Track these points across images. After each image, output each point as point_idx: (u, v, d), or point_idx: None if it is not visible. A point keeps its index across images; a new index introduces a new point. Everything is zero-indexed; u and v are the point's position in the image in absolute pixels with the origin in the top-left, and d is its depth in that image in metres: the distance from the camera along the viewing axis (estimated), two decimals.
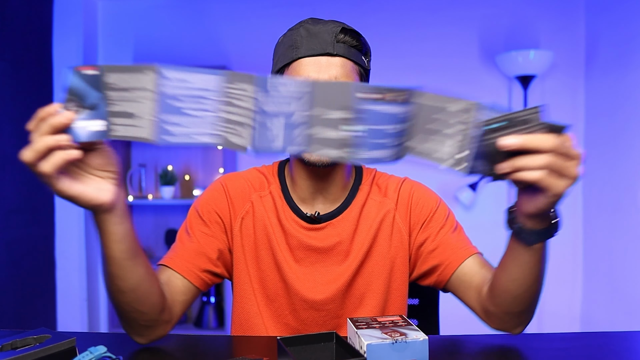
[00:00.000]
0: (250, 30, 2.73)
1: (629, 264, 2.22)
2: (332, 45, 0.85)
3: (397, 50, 2.67)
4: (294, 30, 0.89)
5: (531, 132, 0.59)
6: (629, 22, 2.24)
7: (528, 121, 0.59)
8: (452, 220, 0.99)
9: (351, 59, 0.86)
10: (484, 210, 2.65)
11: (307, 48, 0.85)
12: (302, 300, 0.92)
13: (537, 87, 2.60)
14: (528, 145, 0.59)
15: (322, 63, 0.85)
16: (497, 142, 0.59)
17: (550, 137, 0.59)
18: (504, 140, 0.59)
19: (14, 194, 2.26)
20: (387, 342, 0.65)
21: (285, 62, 0.88)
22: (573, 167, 0.61)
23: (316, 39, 0.85)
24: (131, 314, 0.77)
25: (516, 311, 0.81)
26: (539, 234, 0.70)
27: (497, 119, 0.60)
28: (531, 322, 0.85)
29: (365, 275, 0.94)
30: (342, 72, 0.85)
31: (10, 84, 2.24)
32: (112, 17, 2.77)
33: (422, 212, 0.97)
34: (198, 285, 0.90)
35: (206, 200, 0.97)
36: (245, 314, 0.95)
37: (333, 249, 0.93)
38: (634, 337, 0.86)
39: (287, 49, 0.88)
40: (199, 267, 0.91)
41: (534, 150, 0.59)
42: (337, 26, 0.87)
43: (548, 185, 0.61)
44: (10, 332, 0.75)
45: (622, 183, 2.28)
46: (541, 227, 0.70)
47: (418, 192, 1.00)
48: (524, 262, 0.74)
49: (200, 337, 0.87)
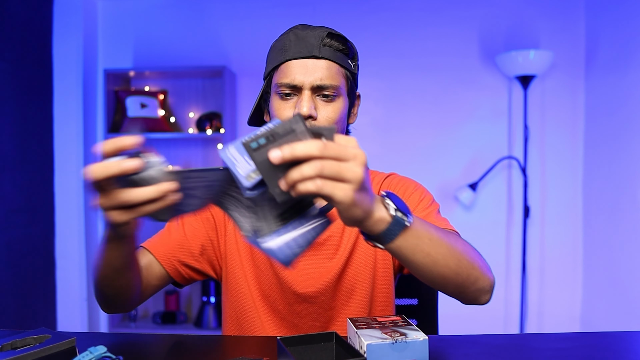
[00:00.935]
0: (250, 30, 2.73)
1: (629, 264, 2.22)
2: (318, 49, 0.88)
3: (397, 50, 2.67)
4: (284, 36, 0.92)
5: (296, 141, 0.55)
6: (629, 22, 2.24)
7: (291, 131, 0.55)
8: (427, 202, 0.96)
9: (337, 61, 0.90)
10: (484, 210, 2.65)
11: (294, 51, 0.89)
12: (295, 294, 0.95)
13: (537, 87, 2.60)
14: (294, 154, 0.54)
15: (308, 65, 0.88)
16: (269, 157, 0.55)
17: (314, 142, 0.54)
18: (270, 155, 0.54)
19: (14, 194, 2.26)
20: (387, 342, 0.65)
21: (274, 64, 0.92)
22: (351, 169, 0.56)
23: (303, 42, 0.89)
24: (109, 296, 0.83)
25: (454, 290, 0.76)
26: (390, 231, 0.64)
27: (259, 136, 0.55)
28: (531, 322, 0.85)
29: (354, 267, 0.97)
30: (327, 74, 0.88)
31: (10, 84, 2.24)
32: (112, 17, 2.77)
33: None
34: (175, 277, 0.96)
35: None
36: (240, 308, 0.98)
37: (324, 243, 0.97)
38: (634, 337, 0.86)
39: (277, 53, 0.92)
40: (178, 259, 0.95)
41: (303, 159, 0.54)
42: (324, 31, 0.90)
43: (329, 194, 0.55)
44: (10, 332, 0.75)
45: (622, 183, 2.28)
46: (385, 225, 0.63)
47: (398, 181, 1.02)
48: (407, 250, 0.68)
49: (200, 337, 0.87)
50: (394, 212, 0.63)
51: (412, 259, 0.69)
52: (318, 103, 0.89)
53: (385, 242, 0.65)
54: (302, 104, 0.87)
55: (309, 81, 0.87)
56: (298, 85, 0.88)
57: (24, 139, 2.33)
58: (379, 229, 0.63)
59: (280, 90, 0.89)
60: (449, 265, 0.71)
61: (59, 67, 2.54)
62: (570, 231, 2.64)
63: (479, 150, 2.66)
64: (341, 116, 0.91)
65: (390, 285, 1.01)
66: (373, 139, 2.68)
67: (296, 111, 0.87)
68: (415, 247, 0.67)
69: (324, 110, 0.89)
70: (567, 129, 2.63)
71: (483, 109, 2.66)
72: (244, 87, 2.76)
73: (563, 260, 2.64)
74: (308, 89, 0.88)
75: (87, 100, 2.60)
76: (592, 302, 2.55)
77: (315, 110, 0.88)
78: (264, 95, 0.97)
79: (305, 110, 0.86)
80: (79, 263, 2.55)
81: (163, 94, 2.72)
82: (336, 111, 0.90)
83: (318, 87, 0.88)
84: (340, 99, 0.90)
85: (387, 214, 0.63)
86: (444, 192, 2.64)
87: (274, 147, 0.55)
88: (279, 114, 0.90)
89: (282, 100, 0.90)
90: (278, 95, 0.90)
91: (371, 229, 0.63)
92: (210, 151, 2.78)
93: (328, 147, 0.55)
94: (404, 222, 0.64)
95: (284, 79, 0.89)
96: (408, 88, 2.68)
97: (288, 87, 0.89)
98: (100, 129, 2.71)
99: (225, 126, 2.55)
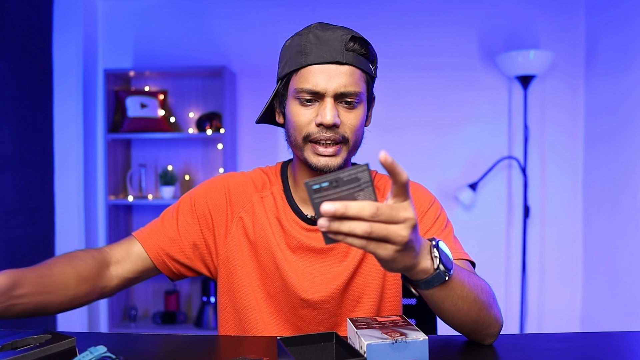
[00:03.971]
0: (250, 30, 2.73)
1: (629, 263, 2.22)
2: (341, 54, 0.85)
3: (397, 50, 2.67)
4: (303, 36, 0.88)
5: (358, 191, 0.56)
6: (629, 22, 2.24)
7: (355, 179, 0.56)
8: (442, 222, 0.97)
9: (359, 67, 0.87)
10: (484, 210, 2.65)
11: (316, 55, 0.85)
12: (300, 299, 0.94)
13: (537, 87, 2.60)
14: (346, 213, 0.54)
15: (331, 71, 0.85)
16: (320, 207, 0.56)
17: (368, 205, 0.55)
18: (322, 207, 0.55)
19: (14, 194, 2.26)
20: (387, 342, 0.65)
21: (293, 67, 0.88)
22: (398, 233, 0.57)
23: (326, 46, 0.85)
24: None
25: (467, 332, 0.80)
26: (428, 282, 0.67)
27: (322, 179, 0.56)
28: (531, 322, 0.85)
29: (363, 276, 0.95)
30: (351, 80, 0.86)
31: (10, 84, 2.24)
32: (112, 17, 2.78)
33: None
34: (163, 270, 0.97)
35: (204, 193, 1.00)
36: (243, 309, 0.96)
37: (332, 250, 0.95)
38: (634, 337, 0.86)
39: (295, 54, 0.88)
40: (167, 253, 0.95)
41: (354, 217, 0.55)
42: (347, 34, 0.86)
43: (373, 252, 0.58)
44: (10, 332, 0.75)
45: (622, 183, 2.28)
46: (426, 276, 0.67)
47: (413, 193, 0.99)
48: (439, 299, 0.72)
49: (200, 337, 0.87)
50: (437, 266, 0.67)
51: (441, 306, 0.73)
52: (340, 110, 0.87)
53: (420, 289, 0.69)
54: (325, 112, 0.85)
55: (332, 88, 0.85)
56: (320, 92, 0.85)
57: (24, 139, 2.33)
58: (419, 277, 0.67)
59: (301, 95, 0.87)
60: (470, 314, 0.76)
61: (59, 67, 2.54)
62: (570, 231, 2.64)
63: (479, 150, 2.66)
64: (362, 122, 0.90)
65: (399, 295, 0.99)
66: (373, 139, 2.66)
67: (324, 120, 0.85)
68: (446, 297, 0.71)
69: (347, 117, 0.87)
70: (567, 129, 2.63)
71: (483, 109, 2.66)
72: (244, 87, 2.77)
73: (563, 260, 2.64)
74: (331, 97, 0.85)
75: (87, 100, 2.60)
76: (592, 302, 2.55)
77: (338, 117, 0.86)
78: (277, 95, 0.94)
79: (329, 118, 0.84)
80: None
81: (163, 94, 2.72)
82: (358, 117, 0.88)
83: (341, 94, 0.86)
84: (361, 105, 0.89)
85: (432, 266, 0.66)
86: (444, 192, 2.64)
87: (332, 195, 0.56)
88: (297, 119, 0.88)
89: (302, 106, 0.87)
90: (298, 101, 0.88)
91: (412, 277, 0.67)
92: (210, 151, 2.78)
93: (380, 212, 0.56)
94: (444, 277, 0.68)
95: (305, 85, 0.86)
96: (408, 88, 2.68)
97: (309, 93, 0.86)
98: (100, 129, 2.71)
99: (225, 126, 2.55)
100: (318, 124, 0.86)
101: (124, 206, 2.76)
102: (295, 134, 0.89)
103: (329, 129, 0.86)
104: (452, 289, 0.71)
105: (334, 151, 0.88)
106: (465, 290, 0.73)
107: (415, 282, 0.68)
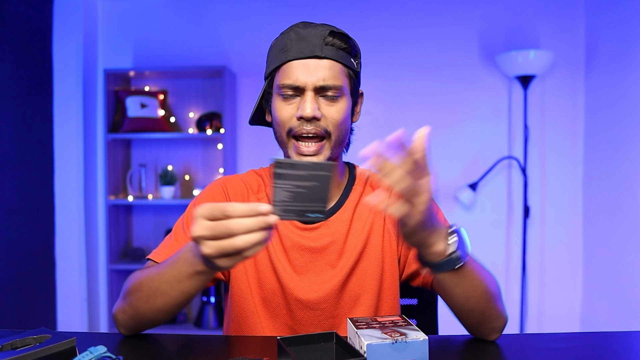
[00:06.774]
0: (250, 30, 2.73)
1: (629, 263, 2.22)
2: (320, 48, 0.87)
3: (397, 50, 2.67)
4: (285, 34, 0.91)
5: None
6: (629, 22, 2.24)
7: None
8: (441, 218, 0.97)
9: (339, 61, 0.89)
10: (484, 211, 2.65)
11: (296, 51, 0.88)
12: (296, 300, 0.93)
13: (537, 87, 2.60)
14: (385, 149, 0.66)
15: (310, 65, 0.87)
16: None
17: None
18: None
19: (14, 194, 2.26)
20: (387, 342, 0.65)
21: (275, 65, 0.90)
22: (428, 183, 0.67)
23: (305, 42, 0.88)
24: (149, 318, 0.82)
25: (474, 324, 0.83)
26: (440, 265, 0.73)
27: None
28: (531, 322, 0.86)
29: (360, 276, 0.95)
30: (330, 74, 0.87)
31: (11, 84, 2.24)
32: (112, 17, 2.78)
33: None
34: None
35: (207, 199, 0.99)
36: (242, 312, 0.96)
37: (326, 249, 0.94)
38: (634, 337, 0.86)
39: (277, 52, 0.90)
40: None
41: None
42: (326, 29, 0.88)
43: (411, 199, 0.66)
44: (10, 332, 0.75)
45: (622, 183, 2.28)
46: (439, 259, 0.73)
47: None
48: (450, 284, 0.77)
49: (200, 337, 0.87)
50: (450, 252, 0.72)
51: (451, 292, 0.78)
52: (321, 103, 0.88)
53: (433, 271, 0.75)
54: (305, 105, 0.86)
55: (311, 82, 0.86)
56: (300, 86, 0.87)
57: (24, 139, 2.33)
58: (432, 260, 0.73)
59: (283, 91, 0.88)
60: (478, 304, 0.79)
61: (59, 67, 2.54)
62: (570, 231, 2.64)
63: (479, 150, 2.66)
64: (345, 116, 0.90)
65: (397, 295, 0.99)
66: (373, 138, 2.66)
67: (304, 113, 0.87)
68: (457, 284, 0.76)
69: (328, 110, 0.88)
70: (567, 129, 2.63)
71: (483, 109, 2.66)
72: (244, 87, 2.77)
73: (563, 260, 2.64)
74: (311, 90, 0.87)
75: (87, 100, 2.61)
76: (592, 302, 2.55)
77: (319, 110, 0.87)
78: (265, 95, 0.96)
79: (309, 111, 0.86)
80: (79, 263, 2.55)
81: (163, 94, 2.72)
82: (340, 111, 0.89)
83: (321, 88, 0.87)
84: (343, 98, 0.90)
85: (445, 251, 0.72)
86: (444, 192, 2.64)
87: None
88: (280, 115, 0.89)
89: (285, 101, 0.89)
90: (280, 97, 0.89)
91: (426, 258, 0.73)
92: (210, 151, 2.78)
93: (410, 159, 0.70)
94: (455, 264, 0.73)
95: (286, 80, 0.88)
96: (408, 88, 2.68)
97: (290, 88, 0.88)
98: (100, 129, 2.71)
99: (225, 126, 2.55)
100: (299, 118, 0.88)
101: (124, 206, 2.76)
102: (280, 129, 0.91)
103: (310, 122, 0.87)
104: (463, 277, 0.75)
105: (317, 149, 0.89)
106: (476, 280, 0.77)
107: (429, 264, 0.74)
